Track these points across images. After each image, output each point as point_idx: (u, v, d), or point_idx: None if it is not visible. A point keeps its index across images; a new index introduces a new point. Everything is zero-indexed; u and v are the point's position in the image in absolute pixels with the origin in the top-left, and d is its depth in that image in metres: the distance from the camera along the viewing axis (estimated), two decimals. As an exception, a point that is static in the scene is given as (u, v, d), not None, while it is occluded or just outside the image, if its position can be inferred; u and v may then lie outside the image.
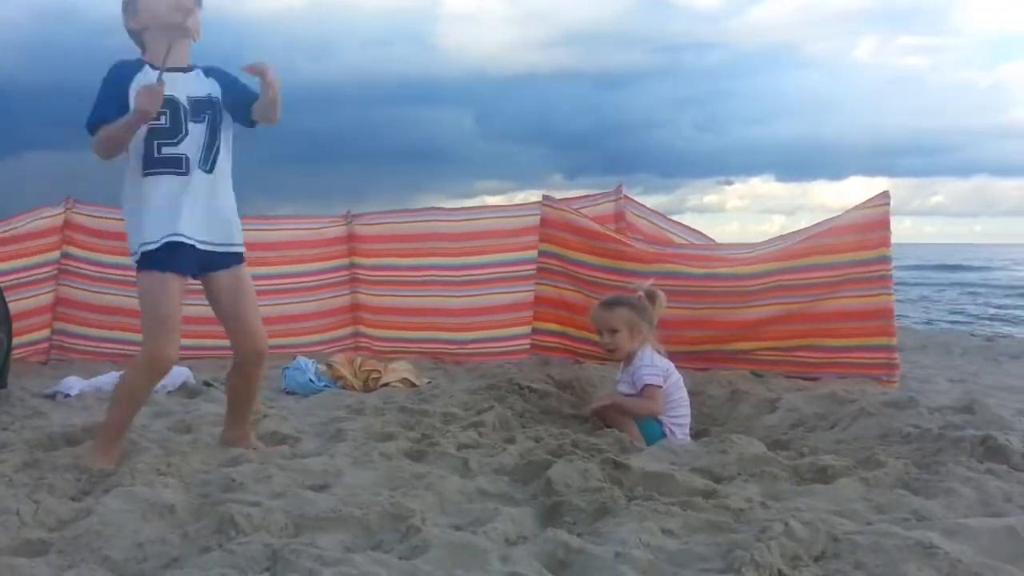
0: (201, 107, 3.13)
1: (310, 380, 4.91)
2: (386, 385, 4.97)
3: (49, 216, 5.99)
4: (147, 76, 3.03)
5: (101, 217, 6.12)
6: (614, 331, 3.89)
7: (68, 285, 6.02)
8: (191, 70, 3.18)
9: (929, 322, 13.39)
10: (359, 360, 5.27)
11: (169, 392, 4.76)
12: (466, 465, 3.06)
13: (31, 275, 5.86)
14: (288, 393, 4.84)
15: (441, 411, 4.08)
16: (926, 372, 5.90)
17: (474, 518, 2.47)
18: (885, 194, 5.25)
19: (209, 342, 6.14)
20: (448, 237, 6.51)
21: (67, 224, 6.02)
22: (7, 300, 4.97)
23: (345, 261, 6.57)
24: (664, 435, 3.67)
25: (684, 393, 3.87)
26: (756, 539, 2.16)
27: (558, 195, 6.37)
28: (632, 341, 3.87)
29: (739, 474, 2.95)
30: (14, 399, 4.37)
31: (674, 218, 6.74)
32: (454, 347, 6.35)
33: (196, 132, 3.11)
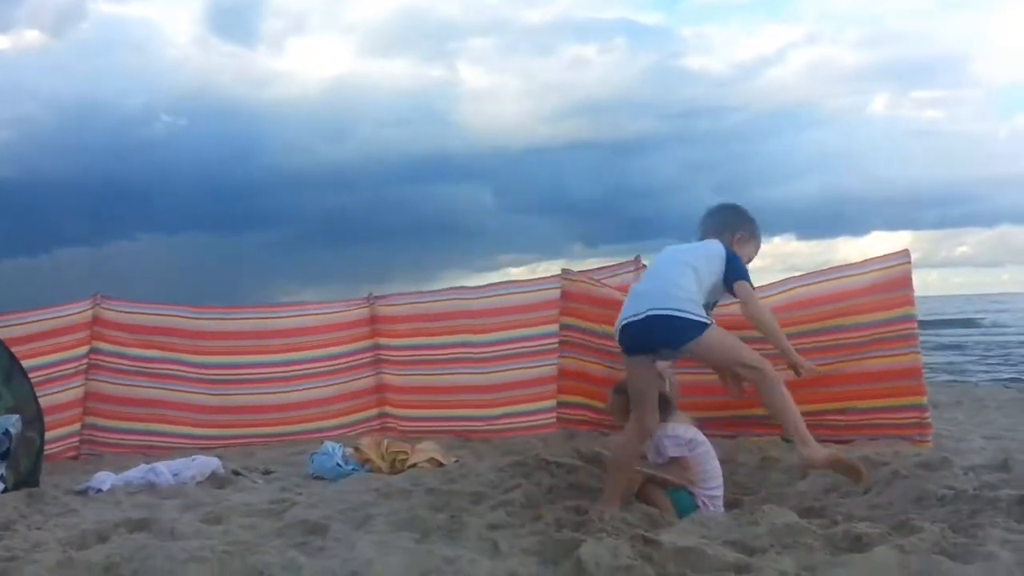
0: None
1: (337, 464, 4.90)
2: (413, 466, 4.96)
3: (77, 312, 6.09)
4: None
5: (129, 312, 6.24)
6: None
7: (97, 379, 6.09)
8: None
9: (962, 378, 13.17)
10: (386, 442, 5.27)
11: (198, 483, 4.77)
12: (496, 547, 3.03)
13: (61, 370, 5.94)
14: (316, 478, 4.84)
15: (469, 491, 4.06)
16: (960, 429, 5.81)
17: (505, 602, 2.44)
18: (905, 252, 5.24)
19: (235, 431, 6.25)
20: (471, 314, 6.55)
21: (96, 319, 6.12)
22: (38, 396, 5.04)
23: (369, 343, 6.62)
24: (696, 507, 3.62)
25: (715, 464, 3.81)
26: (791, 614, 2.13)
27: (579, 263, 6.42)
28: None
29: (772, 546, 2.90)
30: (47, 497, 4.39)
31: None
32: (480, 424, 6.34)
33: None
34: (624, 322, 3.61)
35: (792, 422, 3.46)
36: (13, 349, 5.02)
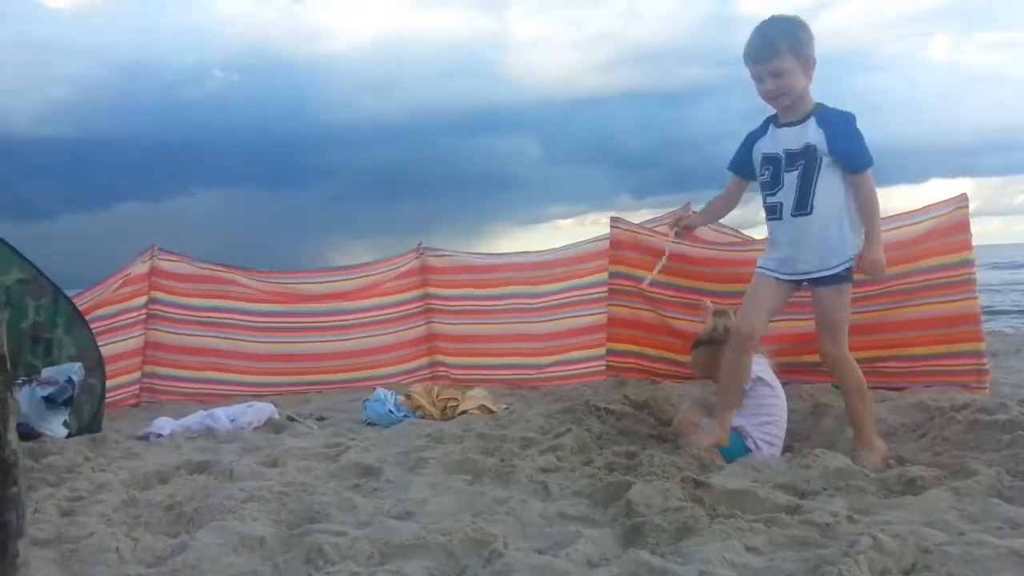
0: (794, 158, 3.57)
1: (390, 411, 4.98)
2: (464, 413, 5.02)
3: (135, 265, 6.21)
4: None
5: (179, 261, 6.35)
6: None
7: (156, 329, 6.23)
8: (802, 122, 3.57)
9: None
10: (436, 389, 5.33)
11: (255, 428, 4.89)
12: (546, 489, 3.07)
13: (121, 320, 6.07)
14: (369, 424, 4.93)
15: (519, 436, 4.10)
16: (1019, 377, 5.69)
17: (555, 541, 2.48)
18: (963, 196, 5.11)
19: (290, 379, 6.37)
20: (522, 267, 6.56)
21: (153, 270, 6.24)
22: (99, 345, 5.18)
23: (419, 292, 6.67)
24: (748, 451, 3.61)
25: (777, 410, 3.75)
26: (844, 554, 2.13)
27: (627, 215, 6.35)
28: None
29: (824, 489, 2.90)
30: (109, 441, 4.53)
31: (750, 231, 6.58)
32: (531, 372, 6.37)
33: (789, 181, 3.57)
34: None
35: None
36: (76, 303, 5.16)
